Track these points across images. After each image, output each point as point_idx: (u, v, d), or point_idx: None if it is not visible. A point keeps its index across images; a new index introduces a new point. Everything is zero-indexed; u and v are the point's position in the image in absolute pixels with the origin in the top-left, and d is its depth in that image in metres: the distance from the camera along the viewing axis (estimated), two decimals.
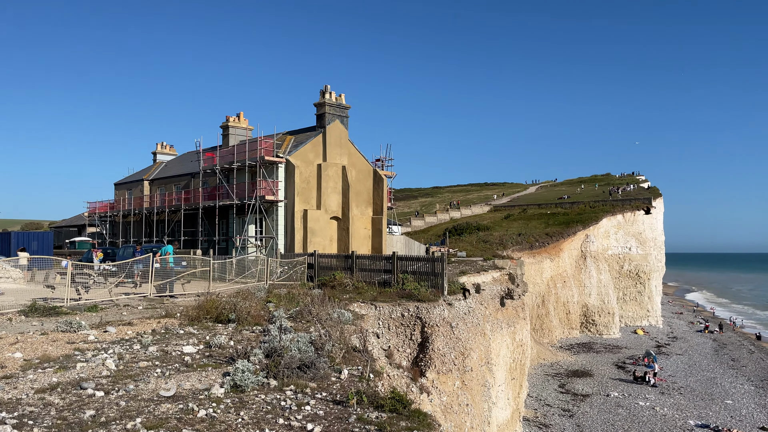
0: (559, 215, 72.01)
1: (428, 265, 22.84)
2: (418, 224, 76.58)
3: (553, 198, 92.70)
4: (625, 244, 69.52)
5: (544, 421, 34.63)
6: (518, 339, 33.99)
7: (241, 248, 36.93)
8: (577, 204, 78.44)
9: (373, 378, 9.70)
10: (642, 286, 69.09)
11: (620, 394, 39.98)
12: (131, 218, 49.11)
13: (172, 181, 46.53)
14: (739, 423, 34.66)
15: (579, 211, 72.91)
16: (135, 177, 53.14)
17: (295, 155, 35.98)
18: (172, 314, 14.82)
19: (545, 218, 71.14)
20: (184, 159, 51.22)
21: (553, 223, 66.37)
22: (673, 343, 60.08)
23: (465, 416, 20.57)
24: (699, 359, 52.64)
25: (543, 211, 79.29)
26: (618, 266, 68.73)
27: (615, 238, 69.16)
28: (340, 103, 37.89)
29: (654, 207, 74.26)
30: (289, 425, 6.81)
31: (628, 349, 55.42)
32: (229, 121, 44.38)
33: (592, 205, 75.03)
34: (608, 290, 63.64)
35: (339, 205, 37.40)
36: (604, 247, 67.76)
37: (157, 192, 47.72)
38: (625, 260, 69.05)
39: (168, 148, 55.68)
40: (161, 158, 54.74)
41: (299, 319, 14.36)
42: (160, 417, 6.85)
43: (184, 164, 48.83)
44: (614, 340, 59.34)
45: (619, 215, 70.10)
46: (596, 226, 66.64)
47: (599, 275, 63.86)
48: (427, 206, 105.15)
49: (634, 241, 70.10)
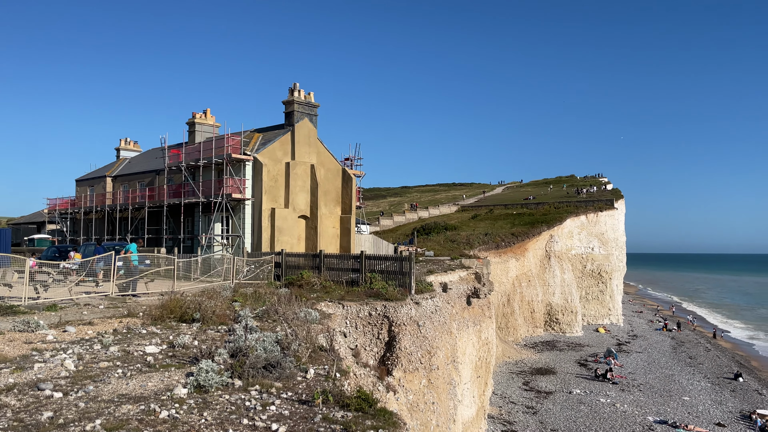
0: (524, 215, 73.09)
1: (396, 265, 22.93)
2: (386, 223, 76.74)
3: (519, 198, 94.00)
4: (588, 244, 70.94)
5: (509, 419, 35.11)
6: (484, 337, 34.37)
7: (207, 247, 36.44)
8: (542, 205, 79.72)
9: (340, 377, 9.71)
10: (604, 286, 70.60)
11: (582, 391, 40.80)
12: (93, 215, 47.95)
13: (136, 178, 45.62)
14: (696, 419, 35.74)
15: (544, 211, 74.14)
16: (97, 173, 51.92)
17: (263, 153, 35.66)
18: (135, 314, 14.54)
19: (511, 218, 72.11)
20: (149, 155, 50.27)
21: (518, 224, 67.33)
22: (633, 341, 61.57)
23: (431, 414, 20.72)
24: (658, 357, 54.07)
25: (509, 211, 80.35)
26: (581, 266, 70.09)
27: (578, 239, 70.52)
28: (309, 101, 37.72)
29: (616, 208, 76.02)
30: (254, 425, 6.77)
31: (590, 347, 56.59)
32: (196, 118, 43.73)
33: (556, 206, 76.36)
34: (571, 289, 64.89)
35: (307, 204, 37.22)
36: (568, 247, 69.03)
37: (120, 189, 46.72)
38: (588, 260, 70.46)
39: (132, 145, 54.56)
40: (125, 155, 53.61)
41: (266, 318, 14.26)
42: (120, 418, 6.72)
43: (148, 161, 47.92)
44: (577, 338, 60.52)
45: (583, 216, 71.53)
46: (560, 226, 67.87)
47: (563, 275, 65.04)
48: (396, 206, 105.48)
49: (597, 242, 71.58)
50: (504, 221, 70.69)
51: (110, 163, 53.74)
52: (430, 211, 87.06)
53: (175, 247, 33.39)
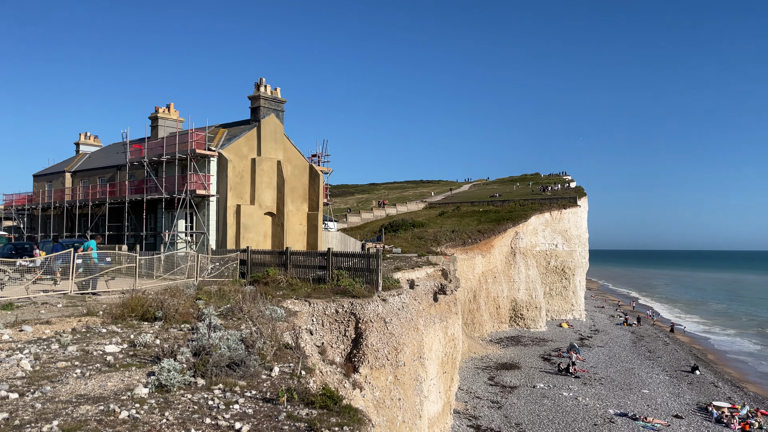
0: (490, 213, 73.95)
1: (363, 262, 22.93)
2: (354, 221, 76.65)
3: (486, 196, 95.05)
4: (552, 241, 72.20)
5: (474, 413, 35.52)
6: (450, 333, 34.68)
7: (170, 244, 35.80)
8: (508, 202, 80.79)
9: (305, 375, 9.66)
10: (567, 282, 72.00)
11: (545, 386, 41.54)
12: (51, 212, 46.60)
13: (97, 174, 44.52)
14: (654, 411, 36.78)
15: (509, 209, 75.14)
16: (56, 168, 50.46)
17: (228, 149, 35.20)
18: (95, 312, 14.20)
19: (478, 215, 72.87)
20: (110, 150, 49.09)
21: (485, 221, 68.09)
22: (595, 336, 62.97)
23: (397, 410, 20.82)
24: (618, 351, 55.43)
25: (476, 208, 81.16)
26: (545, 262, 71.30)
27: (543, 236, 71.70)
28: (276, 96, 37.36)
29: (579, 205, 77.54)
30: (217, 425, 6.69)
31: (554, 341, 57.66)
32: (159, 113, 42.87)
33: (521, 204, 77.47)
34: (536, 285, 65.97)
35: (273, 201, 36.90)
36: (533, 244, 70.13)
37: (79, 184, 45.51)
38: (552, 256, 71.72)
39: (92, 139, 53.17)
40: (84, 149, 52.21)
41: (230, 316, 14.09)
42: (78, 419, 6.56)
43: (109, 156, 46.80)
44: (541, 334, 61.58)
45: (547, 213, 72.75)
46: (525, 223, 68.91)
47: (528, 271, 66.07)
48: (364, 203, 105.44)
49: (561, 238, 72.91)
50: (471, 218, 71.39)
51: (69, 158, 52.27)
52: (398, 208, 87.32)
53: (137, 245, 32.71)
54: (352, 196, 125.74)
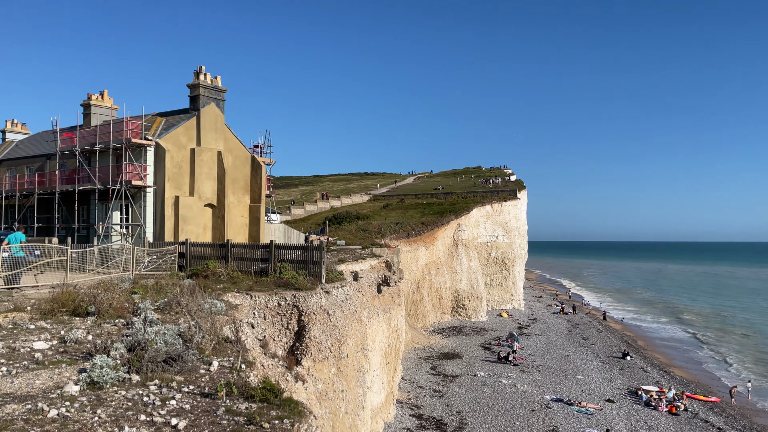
0: (434, 205, 74.88)
1: (306, 254, 22.77)
2: (298, 213, 75.95)
3: (430, 188, 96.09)
4: (493, 233, 73.85)
5: (417, 403, 36.05)
6: (393, 324, 34.99)
7: (105, 236, 34.46)
8: (451, 195, 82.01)
9: (245, 369, 9.55)
10: (507, 272, 73.88)
11: (486, 374, 42.61)
12: None
13: (24, 163, 42.30)
14: (588, 396, 38.38)
15: (452, 201, 76.30)
16: None
17: (166, 138, 34.13)
18: (22, 308, 13.52)
19: (421, 208, 73.66)
20: (39, 139, 46.69)
21: (428, 213, 68.91)
22: (533, 325, 64.98)
23: (340, 402, 20.87)
24: (555, 339, 57.42)
25: (419, 201, 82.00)
26: (486, 253, 72.89)
27: (484, 227, 73.23)
28: (216, 85, 36.46)
29: (519, 198, 79.56)
30: (152, 421, 6.53)
31: (494, 331, 59.15)
32: (91, 100, 40.99)
33: (464, 196, 78.78)
34: (477, 276, 67.39)
35: (214, 192, 36.09)
36: (474, 236, 71.53)
37: (6, 174, 43.13)
38: (493, 248, 73.38)
39: (20, 127, 50.41)
40: (11, 137, 49.47)
41: (167, 310, 13.73)
42: (4, 419, 6.26)
43: (38, 144, 44.51)
44: (482, 323, 63.03)
45: (488, 206, 74.32)
46: (467, 215, 70.18)
47: (469, 262, 67.38)
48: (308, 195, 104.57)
49: (501, 230, 74.67)
50: (414, 210, 72.08)
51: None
52: (343, 200, 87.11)
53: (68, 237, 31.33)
54: (296, 188, 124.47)
